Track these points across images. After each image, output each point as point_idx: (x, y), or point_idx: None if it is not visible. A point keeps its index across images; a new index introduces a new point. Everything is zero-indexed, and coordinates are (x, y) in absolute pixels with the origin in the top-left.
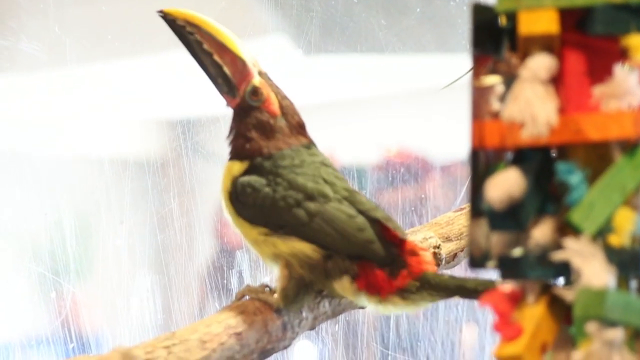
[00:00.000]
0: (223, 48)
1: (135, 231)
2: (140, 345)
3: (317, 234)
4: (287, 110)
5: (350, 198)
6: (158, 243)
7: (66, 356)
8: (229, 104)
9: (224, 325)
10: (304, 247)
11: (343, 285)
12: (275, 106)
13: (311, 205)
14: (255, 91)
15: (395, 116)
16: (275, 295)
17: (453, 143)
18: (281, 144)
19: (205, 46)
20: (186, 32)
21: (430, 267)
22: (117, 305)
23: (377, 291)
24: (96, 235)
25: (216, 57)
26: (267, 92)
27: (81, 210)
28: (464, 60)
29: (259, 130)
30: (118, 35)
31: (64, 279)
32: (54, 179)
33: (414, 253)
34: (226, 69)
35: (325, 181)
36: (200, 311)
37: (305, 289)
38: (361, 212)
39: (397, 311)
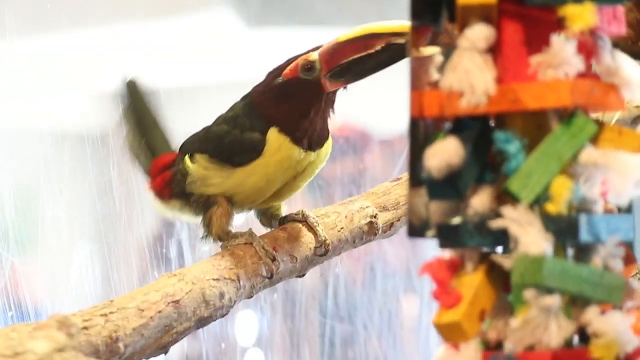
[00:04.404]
0: None
1: (75, 201)
2: (78, 313)
3: None
4: None
5: None
6: (97, 213)
7: (5, 324)
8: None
9: (161, 294)
10: None
11: None
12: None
13: None
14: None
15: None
16: None
17: (393, 116)
18: None
19: None
20: None
21: None
22: (57, 274)
23: None
24: (35, 205)
25: None
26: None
27: (20, 181)
28: None
29: None
30: (58, 9)
31: (3, 248)
32: None
33: None
34: None
35: None
36: (139, 280)
37: None
38: None
39: None
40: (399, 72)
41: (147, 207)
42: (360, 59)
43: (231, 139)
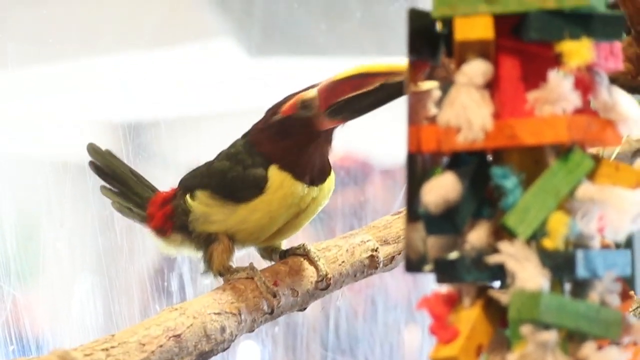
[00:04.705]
0: None
1: (76, 233)
2: (79, 348)
3: None
4: None
5: None
6: (99, 245)
7: (6, 358)
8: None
9: (163, 328)
10: None
11: None
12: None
13: None
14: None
15: None
16: None
17: (394, 147)
18: None
19: None
20: None
21: None
22: (58, 308)
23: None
24: (37, 237)
25: None
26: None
27: (21, 212)
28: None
29: None
30: (60, 38)
31: (4, 281)
32: None
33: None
34: None
35: None
36: (140, 313)
37: None
38: None
39: None
40: (400, 101)
41: (148, 240)
42: (357, 96)
43: (233, 175)
